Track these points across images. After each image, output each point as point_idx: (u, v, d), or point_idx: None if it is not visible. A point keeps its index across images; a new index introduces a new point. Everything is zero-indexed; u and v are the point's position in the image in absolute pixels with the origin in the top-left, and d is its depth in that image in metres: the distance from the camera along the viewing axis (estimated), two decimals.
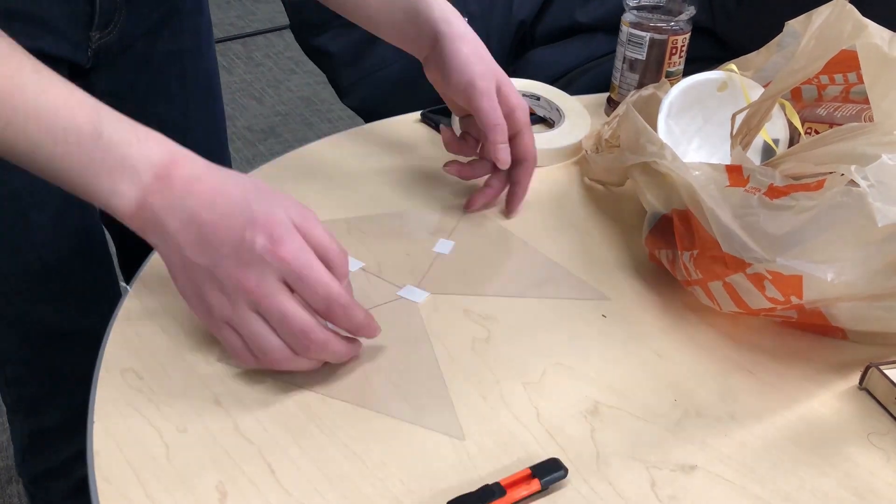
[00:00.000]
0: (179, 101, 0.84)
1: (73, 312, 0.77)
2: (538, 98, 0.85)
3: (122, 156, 0.49)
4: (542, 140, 0.78)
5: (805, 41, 0.60)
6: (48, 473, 0.87)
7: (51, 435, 0.84)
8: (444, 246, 0.67)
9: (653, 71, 0.86)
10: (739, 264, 0.53)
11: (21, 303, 0.75)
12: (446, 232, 0.69)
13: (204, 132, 0.88)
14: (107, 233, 0.83)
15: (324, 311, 0.49)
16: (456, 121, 0.76)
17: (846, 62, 0.66)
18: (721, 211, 0.55)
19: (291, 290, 0.49)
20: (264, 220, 0.49)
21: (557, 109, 0.84)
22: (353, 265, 0.64)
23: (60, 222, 0.74)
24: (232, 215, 0.49)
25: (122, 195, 0.49)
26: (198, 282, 0.49)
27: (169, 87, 0.83)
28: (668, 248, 0.61)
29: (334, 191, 0.74)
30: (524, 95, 0.81)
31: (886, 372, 0.53)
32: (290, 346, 0.49)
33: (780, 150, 0.71)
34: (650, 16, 0.85)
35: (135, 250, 0.71)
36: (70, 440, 0.82)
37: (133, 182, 0.49)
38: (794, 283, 0.51)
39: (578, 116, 0.84)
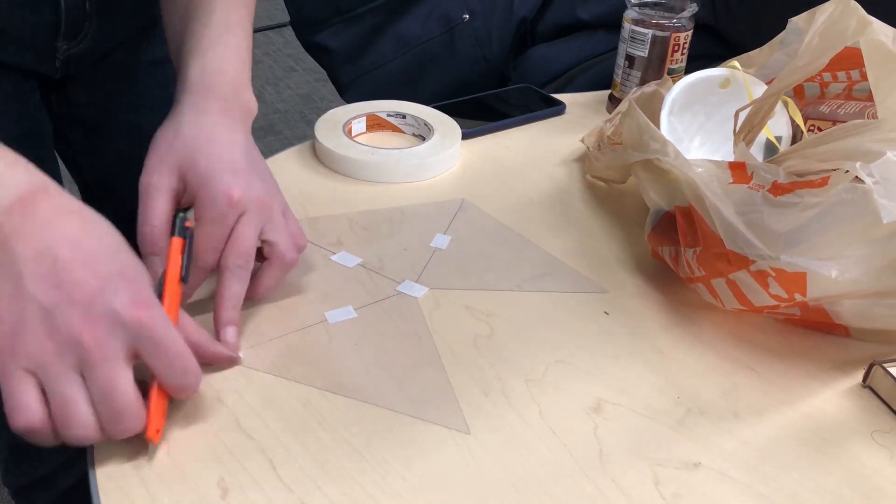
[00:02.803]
0: (162, 111, 0.85)
1: None
2: (404, 116, 0.84)
3: None
4: (414, 154, 0.77)
5: (808, 38, 0.59)
6: (32, 485, 0.86)
7: (32, 448, 0.83)
8: (441, 241, 0.67)
9: (655, 68, 0.86)
10: (743, 261, 0.53)
11: None
12: (443, 227, 0.69)
13: None
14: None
15: (176, 386, 0.45)
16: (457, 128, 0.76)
17: (850, 59, 0.66)
18: (724, 208, 0.54)
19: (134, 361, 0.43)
20: (133, 276, 0.43)
21: (425, 124, 0.82)
22: (352, 261, 0.63)
23: None
24: (97, 261, 0.43)
25: None
26: (21, 316, 0.41)
27: (152, 97, 0.81)
28: (670, 245, 0.61)
29: (334, 188, 0.74)
30: (389, 115, 0.82)
31: (890, 369, 0.53)
32: (99, 420, 0.43)
33: (783, 147, 0.71)
34: (652, 12, 0.85)
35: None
36: (52, 452, 0.80)
37: None
38: (797, 281, 0.51)
39: (447, 128, 0.81)
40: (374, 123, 0.83)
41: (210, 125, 0.55)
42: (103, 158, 0.84)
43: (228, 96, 0.57)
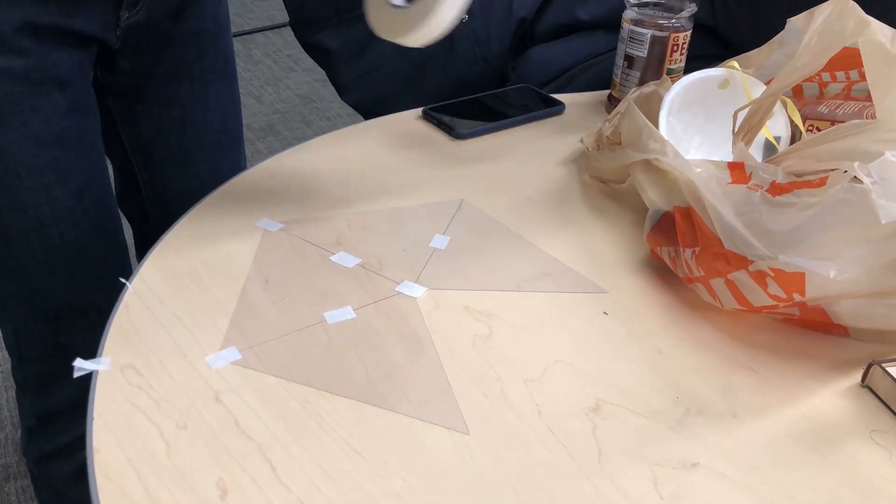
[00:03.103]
0: (199, 80, 0.88)
1: (88, 289, 0.78)
2: None
3: None
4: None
5: (807, 38, 0.60)
6: (53, 454, 0.89)
7: (57, 416, 0.86)
8: (440, 241, 0.67)
9: (654, 68, 0.86)
10: (741, 261, 0.53)
11: (40, 278, 0.76)
12: (442, 227, 0.69)
13: (222, 112, 0.91)
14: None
15: None
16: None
17: (848, 59, 0.66)
18: (723, 208, 0.54)
19: None
20: None
21: None
22: (351, 261, 0.63)
23: (81, 199, 0.75)
24: None
25: None
26: None
27: (190, 66, 0.86)
28: (669, 245, 0.61)
29: (333, 188, 0.74)
30: None
31: (889, 369, 0.53)
32: None
33: (782, 147, 0.71)
34: (651, 13, 0.85)
35: (150, 236, 0.73)
36: (75, 422, 0.84)
37: None
38: (796, 281, 0.51)
39: None
40: None
41: None
42: (141, 127, 0.88)
43: None
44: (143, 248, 0.97)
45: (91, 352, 0.54)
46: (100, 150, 0.79)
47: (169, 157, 0.90)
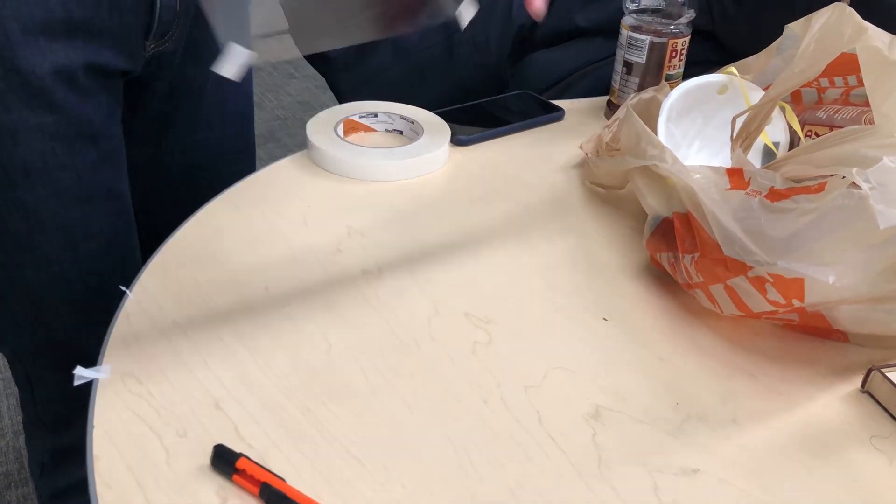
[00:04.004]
0: (219, 126, 0.87)
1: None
2: (376, 115, 0.85)
3: None
4: (405, 153, 0.78)
5: (805, 44, 0.60)
6: (69, 489, 0.87)
7: (72, 452, 0.84)
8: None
9: (653, 74, 0.86)
10: (741, 267, 0.53)
11: (62, 330, 0.75)
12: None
13: (235, 157, 0.90)
14: None
15: None
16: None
17: (846, 65, 0.66)
18: (722, 214, 0.55)
19: None
20: None
21: (402, 118, 0.84)
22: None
23: (108, 253, 0.74)
24: None
25: None
26: None
27: (210, 111, 0.84)
28: (669, 251, 0.61)
29: (334, 195, 0.74)
30: (362, 116, 0.84)
31: (889, 375, 0.53)
32: None
33: (781, 153, 0.71)
34: (650, 19, 0.85)
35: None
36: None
37: None
38: (795, 286, 0.51)
39: (432, 125, 0.82)
40: (350, 128, 0.84)
41: None
42: (155, 172, 0.86)
43: None
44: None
45: None
46: (128, 199, 0.77)
47: (175, 203, 0.86)
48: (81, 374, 0.51)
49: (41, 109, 0.66)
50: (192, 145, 0.85)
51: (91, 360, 0.77)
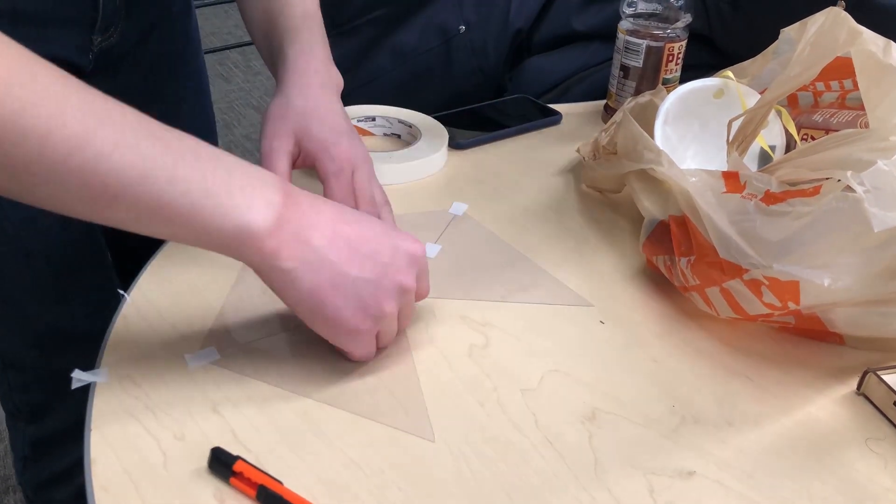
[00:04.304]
0: (172, 101, 0.86)
1: (78, 314, 0.77)
2: (374, 118, 0.86)
3: (248, 174, 0.48)
4: (403, 157, 0.79)
5: (800, 48, 0.60)
6: (51, 481, 0.87)
7: (53, 442, 0.84)
8: (431, 250, 0.67)
9: (649, 78, 0.87)
10: (736, 270, 0.54)
11: (30, 305, 0.75)
12: (434, 236, 0.69)
13: (195, 132, 0.90)
14: None
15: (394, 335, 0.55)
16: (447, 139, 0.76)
17: (842, 69, 0.67)
18: (718, 217, 0.55)
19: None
20: (406, 238, 0.52)
21: (400, 121, 0.85)
22: None
23: (67, 225, 0.74)
24: (374, 231, 0.51)
25: (258, 211, 0.47)
26: (357, 292, 0.50)
27: (162, 88, 0.84)
28: (665, 254, 0.61)
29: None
30: (360, 120, 0.84)
31: (884, 377, 0.53)
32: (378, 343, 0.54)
33: (777, 156, 0.72)
34: (647, 23, 0.85)
35: (130, 255, 0.72)
36: (72, 446, 0.82)
37: (267, 199, 0.47)
38: (790, 289, 0.51)
39: (430, 129, 0.83)
40: None
41: (314, 97, 0.64)
42: None
43: (322, 71, 0.66)
44: (122, 265, 0.95)
45: None
46: None
47: None
48: (79, 377, 0.51)
49: None
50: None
51: (61, 337, 0.77)
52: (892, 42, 0.56)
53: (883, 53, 0.55)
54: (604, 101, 0.93)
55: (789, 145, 0.72)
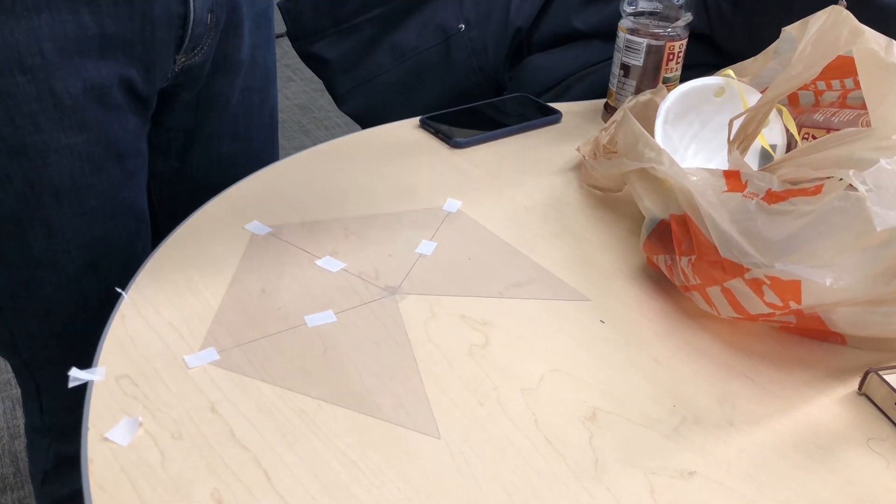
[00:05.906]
0: (245, 139, 0.87)
1: None
2: None
3: None
4: None
5: (802, 47, 0.60)
6: (69, 498, 0.87)
7: (76, 460, 0.84)
8: (426, 247, 0.67)
9: (650, 77, 0.86)
10: (738, 269, 0.53)
11: (76, 342, 0.75)
12: (429, 233, 0.69)
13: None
14: None
15: None
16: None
17: (843, 68, 0.66)
18: (719, 216, 0.54)
19: None
20: None
21: None
22: (335, 265, 0.63)
23: (125, 266, 0.74)
24: None
25: None
26: None
27: (236, 124, 0.84)
28: (666, 253, 0.61)
29: (330, 196, 0.74)
30: None
31: (886, 377, 0.53)
32: None
33: (778, 155, 0.71)
34: (647, 22, 0.85)
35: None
36: None
37: None
38: (792, 289, 0.51)
39: None
40: None
41: None
42: (175, 186, 0.86)
43: None
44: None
45: None
46: (146, 213, 0.77)
47: (190, 211, 0.87)
48: (76, 375, 0.51)
49: (72, 129, 0.66)
50: (217, 158, 0.85)
51: None
52: (894, 41, 0.56)
53: (885, 52, 0.55)
54: (604, 100, 0.93)
55: (790, 145, 0.72)
